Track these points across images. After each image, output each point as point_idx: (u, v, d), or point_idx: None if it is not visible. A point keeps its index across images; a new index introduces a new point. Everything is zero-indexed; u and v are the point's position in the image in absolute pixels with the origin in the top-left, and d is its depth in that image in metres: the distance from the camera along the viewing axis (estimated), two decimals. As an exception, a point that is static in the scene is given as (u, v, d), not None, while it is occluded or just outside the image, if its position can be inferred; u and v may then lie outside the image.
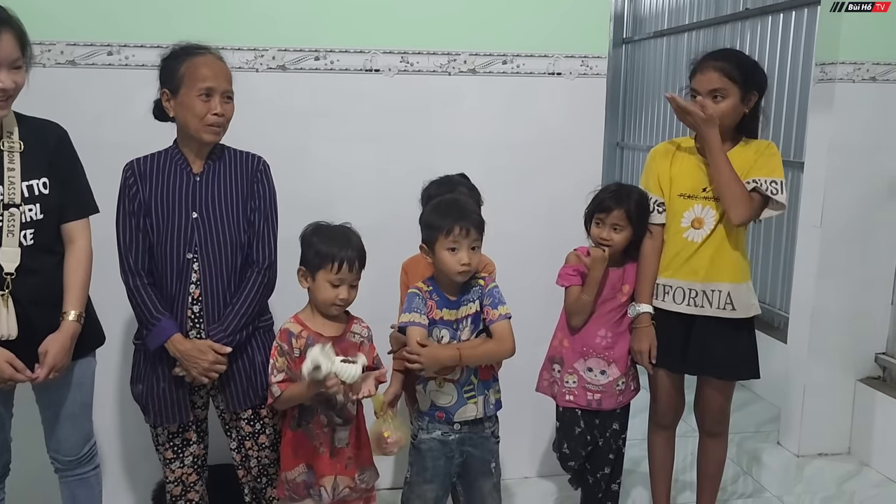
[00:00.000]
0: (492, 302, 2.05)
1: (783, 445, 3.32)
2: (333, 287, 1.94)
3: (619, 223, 2.24)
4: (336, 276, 1.93)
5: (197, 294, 2.00)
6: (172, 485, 2.14)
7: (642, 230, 2.28)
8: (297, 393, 1.94)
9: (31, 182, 1.83)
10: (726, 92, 2.17)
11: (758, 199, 2.21)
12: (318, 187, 2.58)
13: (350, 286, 1.95)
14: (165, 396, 2.03)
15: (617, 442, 2.38)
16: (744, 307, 2.27)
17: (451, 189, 2.19)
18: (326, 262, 1.92)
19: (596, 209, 2.27)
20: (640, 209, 2.26)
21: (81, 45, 2.41)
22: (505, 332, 2.04)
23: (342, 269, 1.92)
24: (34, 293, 1.84)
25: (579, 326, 2.30)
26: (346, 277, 1.94)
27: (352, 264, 1.93)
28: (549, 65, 2.71)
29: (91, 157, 2.02)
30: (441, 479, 2.11)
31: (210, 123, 1.94)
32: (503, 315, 2.04)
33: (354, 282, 1.96)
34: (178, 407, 2.05)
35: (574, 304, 2.29)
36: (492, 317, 2.04)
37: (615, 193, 2.26)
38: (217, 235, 2.00)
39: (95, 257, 1.97)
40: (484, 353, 2.04)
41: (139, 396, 2.07)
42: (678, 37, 5.28)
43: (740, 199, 2.18)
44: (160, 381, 2.03)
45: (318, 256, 1.94)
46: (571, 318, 2.32)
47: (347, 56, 2.57)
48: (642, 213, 2.27)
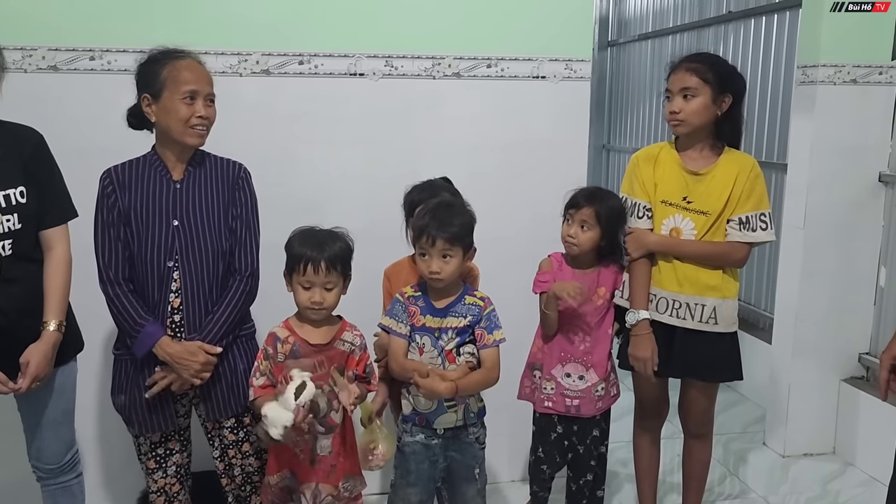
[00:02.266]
0: (488, 326, 2.05)
1: (769, 446, 3.34)
2: (304, 290, 1.92)
3: (587, 220, 2.22)
4: (304, 279, 1.91)
5: (178, 303, 1.98)
6: (155, 495, 2.12)
7: (611, 236, 2.26)
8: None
9: (7, 191, 1.82)
10: (696, 91, 2.18)
11: (743, 244, 2.24)
12: (303, 192, 2.57)
13: (323, 289, 1.92)
14: (149, 406, 2.01)
15: (598, 449, 2.37)
16: (727, 322, 2.27)
17: (434, 194, 2.17)
18: (295, 264, 1.92)
19: (568, 205, 2.26)
20: (612, 214, 2.24)
21: (63, 51, 2.39)
22: (493, 360, 2.05)
23: (307, 271, 1.90)
24: (15, 303, 1.83)
25: (550, 335, 2.30)
26: (315, 279, 1.91)
27: (317, 266, 1.89)
28: (533, 68, 2.72)
29: (72, 162, 2.01)
30: (424, 482, 2.11)
31: (194, 126, 1.93)
32: (496, 341, 2.05)
33: (328, 284, 1.92)
34: (162, 416, 2.04)
35: (541, 315, 2.29)
36: (485, 341, 2.04)
37: (589, 193, 2.26)
38: (198, 243, 1.98)
39: (74, 264, 1.95)
40: (475, 383, 2.05)
41: (122, 407, 2.05)
42: (662, 39, 5.31)
43: (724, 259, 2.25)
44: (143, 391, 2.00)
45: (289, 259, 1.94)
46: (542, 327, 2.32)
47: (332, 60, 2.57)
48: (614, 219, 2.25)
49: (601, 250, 2.28)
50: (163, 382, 1.98)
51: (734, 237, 2.23)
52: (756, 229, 2.22)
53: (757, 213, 2.23)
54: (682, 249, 2.25)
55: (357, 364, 2.00)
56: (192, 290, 1.98)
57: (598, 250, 2.28)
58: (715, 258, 2.25)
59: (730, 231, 2.23)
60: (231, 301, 2.01)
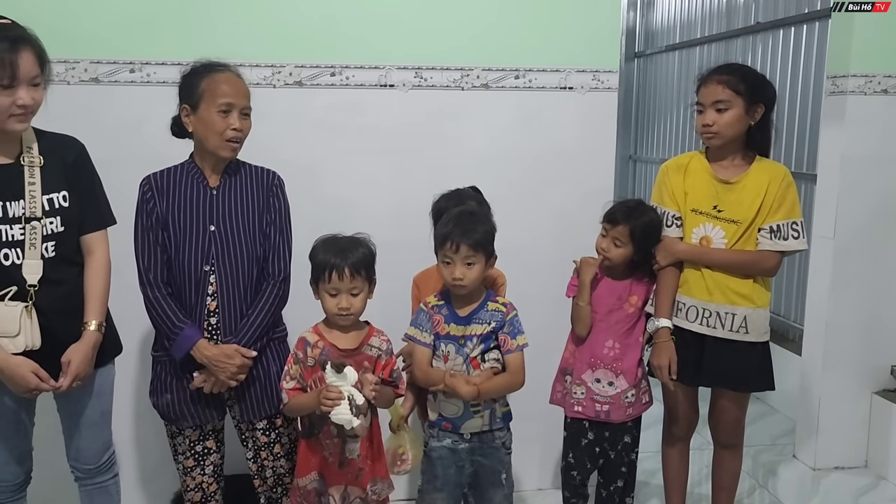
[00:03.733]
0: (511, 331, 2.06)
1: (799, 458, 3.30)
2: (331, 297, 1.95)
3: (620, 238, 2.23)
4: (330, 286, 1.94)
5: (214, 306, 2.04)
6: (193, 492, 2.17)
7: (643, 253, 2.27)
8: (304, 403, 1.97)
9: (51, 195, 1.88)
10: (729, 103, 2.18)
11: (774, 253, 2.23)
12: (332, 201, 2.61)
13: (349, 294, 1.95)
14: (191, 403, 2.07)
15: (629, 455, 2.37)
16: (758, 332, 2.26)
17: (461, 203, 2.20)
18: (320, 272, 1.95)
19: (605, 218, 2.28)
20: (646, 232, 2.25)
21: (105, 63, 2.47)
22: (518, 364, 2.06)
23: (332, 278, 1.93)
24: (57, 304, 1.88)
25: (583, 335, 2.30)
26: (341, 286, 1.93)
27: (341, 272, 1.92)
28: (560, 79, 2.74)
29: (112, 171, 2.07)
30: (451, 487, 2.12)
31: (228, 139, 1.98)
32: (520, 346, 2.06)
33: (354, 290, 1.95)
34: (210, 408, 2.10)
35: (573, 311, 2.31)
36: (509, 346, 2.06)
37: (628, 209, 2.26)
38: (234, 248, 2.03)
39: (112, 269, 2.01)
40: (498, 386, 2.06)
41: (164, 407, 2.10)
42: (690, 51, 5.30)
43: (754, 267, 2.24)
44: (185, 390, 2.06)
45: (315, 268, 1.97)
46: (573, 325, 2.33)
47: (363, 72, 2.62)
48: (648, 237, 2.26)
49: (634, 263, 2.29)
50: (206, 387, 2.04)
51: (765, 246, 2.22)
52: (788, 237, 2.22)
53: (788, 222, 2.22)
54: (711, 258, 2.25)
55: (383, 368, 2.02)
56: (228, 294, 2.03)
57: (630, 263, 2.29)
58: (745, 267, 2.24)
59: (761, 240, 2.23)
60: (265, 305, 2.06)
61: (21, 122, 1.79)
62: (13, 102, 1.74)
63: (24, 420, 1.99)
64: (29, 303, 1.83)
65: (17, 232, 1.83)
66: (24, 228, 1.83)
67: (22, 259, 1.83)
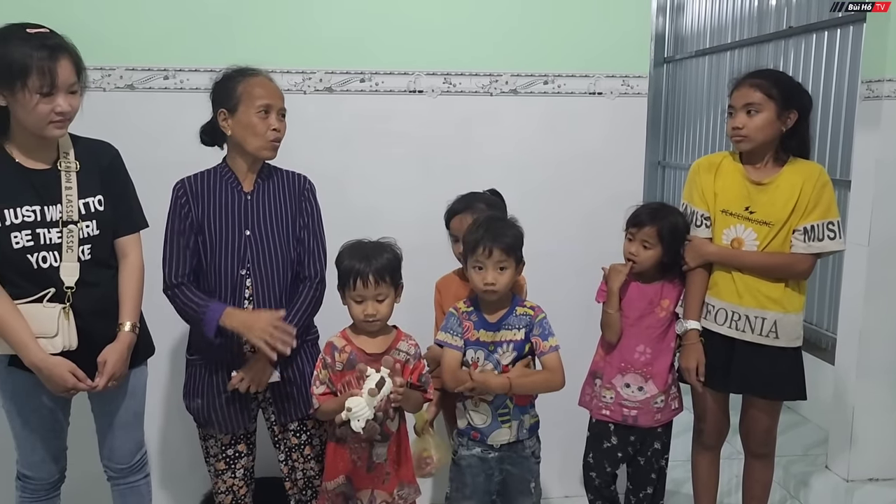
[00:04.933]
0: (541, 333, 2.06)
1: (832, 469, 3.24)
2: (357, 303, 1.96)
3: (648, 241, 2.22)
4: (356, 293, 1.95)
5: (250, 310, 2.05)
6: (223, 495, 2.19)
7: (673, 254, 2.26)
8: (333, 409, 1.97)
9: (87, 199, 1.92)
10: (761, 107, 2.15)
11: (807, 255, 2.19)
12: (360, 207, 2.63)
13: (375, 301, 1.95)
14: (225, 407, 2.09)
15: (659, 462, 2.35)
16: (789, 337, 2.23)
17: (468, 205, 2.20)
18: (345, 280, 1.96)
19: (630, 223, 2.26)
20: (674, 231, 2.23)
21: (140, 70, 2.51)
22: (556, 364, 2.05)
23: (358, 286, 1.93)
24: (93, 305, 1.92)
25: (613, 342, 2.29)
26: (366, 293, 1.94)
27: (365, 280, 1.92)
28: (589, 84, 2.73)
29: (144, 176, 2.10)
30: (480, 496, 2.12)
31: (270, 140, 2.01)
32: (553, 347, 2.06)
33: (379, 296, 1.95)
34: (240, 416, 2.11)
35: (603, 318, 2.30)
36: (542, 348, 2.05)
37: (653, 210, 2.26)
38: (269, 252, 2.06)
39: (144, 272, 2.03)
40: (534, 383, 2.06)
41: (199, 410, 2.11)
42: (720, 56, 5.25)
43: (786, 271, 2.21)
44: (220, 394, 2.08)
45: (341, 275, 1.98)
46: (603, 332, 2.32)
47: (392, 78, 2.64)
48: (676, 237, 2.24)
49: (664, 265, 2.28)
50: (242, 386, 2.05)
51: (798, 248, 2.19)
52: (823, 238, 2.18)
53: (824, 222, 2.18)
54: (742, 260, 2.22)
55: (412, 373, 2.02)
56: (263, 297, 2.05)
57: (660, 265, 2.27)
58: (776, 270, 2.21)
59: (794, 242, 2.20)
60: (301, 306, 2.08)
61: (59, 128, 1.83)
62: (52, 109, 1.78)
63: (60, 419, 2.03)
64: (66, 304, 1.87)
65: (55, 235, 1.87)
66: (61, 232, 1.87)
67: (59, 262, 1.87)
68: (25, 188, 1.85)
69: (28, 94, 1.75)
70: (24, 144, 1.86)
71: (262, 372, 2.05)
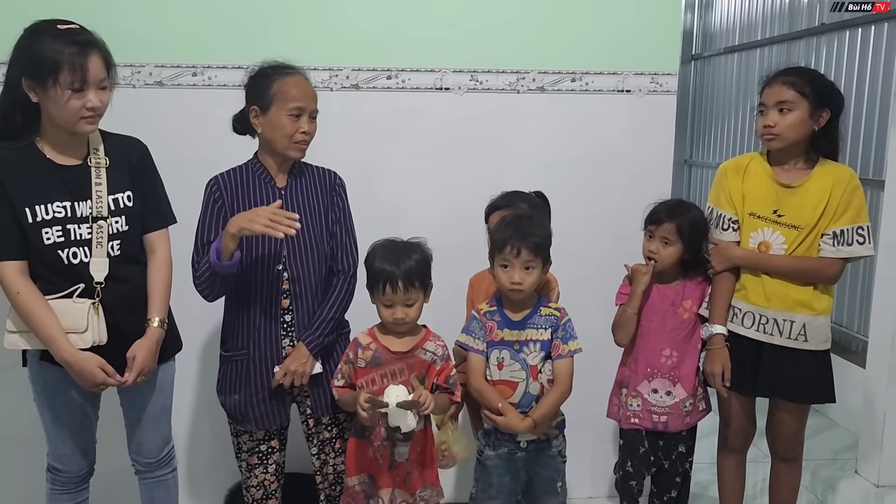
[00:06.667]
0: (563, 336, 2.05)
1: (861, 475, 3.19)
2: (386, 307, 1.96)
3: (668, 237, 2.19)
4: (385, 298, 1.95)
5: (287, 304, 2.07)
6: (254, 489, 2.19)
7: (694, 251, 2.23)
8: (347, 401, 1.99)
9: (116, 195, 1.93)
10: (793, 105, 2.12)
11: (836, 259, 2.16)
12: (386, 204, 2.63)
13: (405, 305, 1.95)
14: (263, 403, 2.09)
15: (683, 465, 2.33)
16: (818, 340, 2.19)
17: (510, 203, 2.20)
18: (374, 283, 1.96)
19: (648, 220, 2.24)
20: (694, 227, 2.21)
21: (169, 67, 2.53)
22: (566, 372, 2.04)
23: (387, 291, 1.93)
24: (122, 301, 1.93)
25: (623, 343, 2.27)
26: (395, 298, 1.94)
27: (395, 286, 1.92)
28: (617, 82, 2.71)
29: (173, 172, 2.12)
30: (506, 496, 2.11)
31: (297, 141, 2.01)
32: (571, 351, 2.04)
33: (408, 301, 1.95)
34: (277, 412, 2.12)
35: (618, 318, 2.27)
36: (560, 352, 2.04)
37: (670, 207, 2.23)
38: (304, 247, 2.06)
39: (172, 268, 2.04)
40: (551, 406, 2.05)
41: (235, 406, 2.11)
42: (750, 53, 5.18)
43: (814, 275, 2.17)
44: (258, 391, 2.08)
45: (369, 277, 1.98)
46: (614, 333, 2.29)
47: (419, 75, 2.63)
48: (696, 233, 2.21)
49: (685, 263, 2.25)
50: (286, 380, 2.05)
51: (827, 252, 2.15)
52: (852, 243, 2.14)
53: (854, 227, 2.14)
54: (769, 264, 2.19)
55: (438, 374, 2.02)
56: (300, 292, 2.06)
57: (682, 263, 2.24)
58: (805, 274, 2.17)
59: (823, 246, 2.16)
60: (336, 299, 2.09)
61: (90, 123, 1.85)
62: (83, 105, 1.80)
63: (89, 413, 2.05)
64: (96, 299, 1.89)
65: (85, 231, 1.89)
66: (91, 227, 1.89)
67: (89, 257, 1.89)
68: (56, 184, 1.87)
69: (59, 90, 1.77)
70: (55, 141, 1.88)
71: (305, 364, 2.05)
